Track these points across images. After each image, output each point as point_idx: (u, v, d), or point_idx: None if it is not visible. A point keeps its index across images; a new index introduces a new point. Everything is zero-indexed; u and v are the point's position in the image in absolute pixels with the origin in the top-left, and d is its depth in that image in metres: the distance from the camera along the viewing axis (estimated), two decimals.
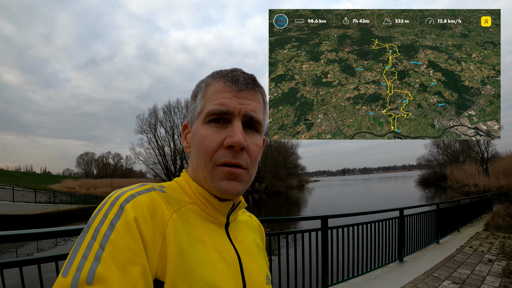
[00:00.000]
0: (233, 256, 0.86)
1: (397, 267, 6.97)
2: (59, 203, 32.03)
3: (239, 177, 0.84)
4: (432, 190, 46.97)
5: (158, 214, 0.73)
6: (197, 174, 0.89)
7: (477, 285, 5.76)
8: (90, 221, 0.68)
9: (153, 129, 55.78)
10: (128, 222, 0.66)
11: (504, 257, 7.97)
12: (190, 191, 0.89)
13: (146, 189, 0.78)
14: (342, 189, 73.63)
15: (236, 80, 0.86)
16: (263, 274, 0.96)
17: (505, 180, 31.88)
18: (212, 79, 0.89)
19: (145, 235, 0.67)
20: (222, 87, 0.86)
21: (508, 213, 17.39)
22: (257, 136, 0.90)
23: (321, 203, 39.29)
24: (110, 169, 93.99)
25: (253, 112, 0.86)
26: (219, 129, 0.84)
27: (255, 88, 0.89)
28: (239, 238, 0.95)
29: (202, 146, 0.84)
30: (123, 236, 0.64)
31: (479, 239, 10.34)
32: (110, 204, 0.70)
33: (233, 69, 0.91)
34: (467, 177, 39.88)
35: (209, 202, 0.87)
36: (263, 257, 1.06)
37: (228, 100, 0.84)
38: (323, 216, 5.39)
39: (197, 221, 0.84)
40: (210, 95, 0.87)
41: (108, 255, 0.61)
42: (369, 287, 5.64)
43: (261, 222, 1.23)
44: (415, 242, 8.24)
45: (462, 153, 53.28)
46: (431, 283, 5.81)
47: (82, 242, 0.64)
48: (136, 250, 0.64)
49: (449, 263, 7.23)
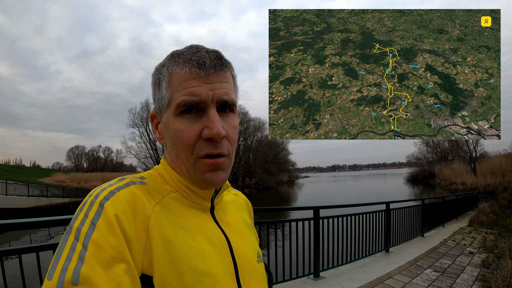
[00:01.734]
0: (221, 239, 0.86)
1: (383, 257, 7.39)
2: (51, 196, 32.05)
3: (222, 165, 0.83)
4: (420, 187, 47.34)
5: (140, 208, 0.73)
6: (177, 165, 0.87)
7: (457, 274, 6.15)
8: (72, 221, 0.67)
9: (145, 123, 55.48)
10: (108, 220, 0.66)
11: (485, 250, 8.35)
12: (171, 180, 0.88)
13: (126, 184, 0.77)
14: (332, 185, 74.08)
15: (203, 63, 0.79)
16: (254, 252, 0.95)
17: (492, 179, 32.13)
18: (175, 65, 0.82)
19: (128, 231, 0.67)
20: (189, 75, 0.80)
21: (492, 210, 17.82)
22: (232, 117, 0.86)
23: (311, 198, 39.72)
24: (101, 162, 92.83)
25: (226, 95, 0.82)
26: (193, 119, 0.80)
27: (224, 68, 0.83)
28: (226, 220, 0.94)
29: (179, 140, 0.81)
30: (105, 235, 0.64)
31: (462, 234, 10.75)
32: (90, 203, 0.70)
33: (194, 49, 0.83)
34: (455, 175, 40.37)
35: (191, 189, 0.87)
36: (253, 234, 1.06)
37: (198, 89, 0.79)
38: (315, 207, 5.81)
39: (181, 209, 0.83)
40: (177, 84, 0.81)
41: (91, 254, 0.61)
42: (357, 273, 6.03)
43: (254, 212, 1.23)
44: (401, 234, 8.66)
45: (451, 152, 53.69)
46: (414, 271, 6.22)
47: (65, 243, 0.64)
48: (118, 248, 0.64)
49: (432, 254, 7.64)
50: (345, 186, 64.34)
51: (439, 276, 5.94)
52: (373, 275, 5.88)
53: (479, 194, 24.34)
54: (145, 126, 55.48)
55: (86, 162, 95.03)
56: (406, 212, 9.00)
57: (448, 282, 5.61)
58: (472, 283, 5.60)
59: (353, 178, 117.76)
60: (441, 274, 6.07)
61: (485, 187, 30.45)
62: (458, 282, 5.64)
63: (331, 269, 6.10)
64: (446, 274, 6.13)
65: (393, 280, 5.60)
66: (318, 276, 5.69)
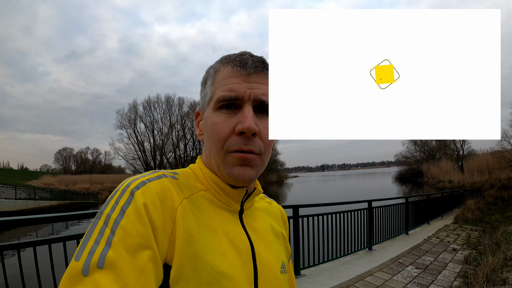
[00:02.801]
0: (245, 243, 0.86)
1: (366, 254, 7.39)
2: (39, 199, 31.77)
3: (251, 162, 0.83)
4: (408, 185, 47.87)
5: (168, 200, 0.75)
6: (210, 161, 0.88)
7: (439, 270, 6.16)
8: (103, 207, 0.70)
9: (133, 124, 55.33)
10: (137, 208, 0.67)
11: (468, 247, 8.39)
12: (203, 178, 0.90)
13: (157, 176, 0.79)
14: (320, 184, 74.50)
15: (245, 63, 0.84)
16: (278, 262, 0.94)
17: (478, 176, 32.49)
18: (221, 65, 0.88)
19: (155, 220, 0.69)
20: (231, 72, 0.85)
21: (478, 207, 18.08)
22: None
23: (300, 197, 39.96)
24: (89, 164, 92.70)
25: (263, 96, 0.84)
26: (230, 115, 0.83)
27: (264, 70, 0.87)
28: (253, 226, 0.94)
29: (213, 133, 0.83)
30: (133, 222, 0.65)
31: (446, 231, 10.81)
32: (122, 191, 0.72)
33: (241, 53, 0.89)
34: (442, 173, 40.81)
35: (222, 189, 0.87)
36: (282, 244, 1.04)
37: (237, 85, 0.83)
38: (295, 206, 5.79)
39: (209, 208, 0.84)
40: (219, 81, 0.86)
41: (118, 239, 0.62)
42: (338, 271, 6.02)
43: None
44: (384, 232, 8.69)
45: (439, 151, 54.26)
46: (395, 268, 6.22)
47: (94, 227, 0.66)
48: (145, 235, 0.65)
49: (415, 251, 7.65)
50: (334, 186, 64.66)
51: (421, 273, 5.94)
52: (354, 273, 5.87)
53: (465, 192, 24.59)
54: (133, 127, 55.22)
55: (74, 164, 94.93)
56: (390, 210, 9.03)
57: (429, 279, 5.62)
58: (453, 280, 5.61)
59: (342, 177, 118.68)
60: (422, 271, 6.08)
61: (472, 185, 30.78)
62: (439, 279, 5.64)
63: (312, 267, 6.08)
64: (428, 271, 6.13)
65: (373, 277, 5.60)
66: (299, 274, 5.67)
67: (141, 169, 54.18)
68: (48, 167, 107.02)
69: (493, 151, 37.04)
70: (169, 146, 56.19)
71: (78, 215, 3.28)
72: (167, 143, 56.05)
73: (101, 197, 41.83)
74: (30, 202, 29.72)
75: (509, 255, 6.40)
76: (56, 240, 2.96)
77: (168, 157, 55.92)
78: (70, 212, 3.25)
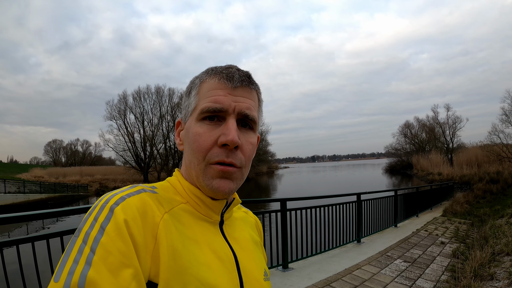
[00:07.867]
0: (228, 254, 0.85)
1: (354, 247, 7.40)
2: (28, 192, 31.19)
3: (232, 175, 0.83)
4: (398, 177, 48.24)
5: (149, 215, 0.73)
6: (189, 172, 0.88)
7: (427, 264, 6.17)
8: (81, 224, 0.68)
9: (123, 115, 54.40)
10: (118, 225, 0.65)
11: (456, 240, 8.45)
12: (183, 191, 0.88)
13: (137, 191, 0.77)
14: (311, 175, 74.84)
15: (231, 77, 0.84)
16: (261, 270, 0.95)
17: (467, 169, 32.77)
18: (207, 76, 0.88)
19: (136, 237, 0.67)
20: (217, 84, 0.85)
21: (467, 200, 18.23)
22: (251, 134, 0.88)
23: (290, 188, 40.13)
24: (79, 156, 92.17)
25: (247, 110, 0.84)
26: (213, 126, 0.83)
27: (250, 85, 0.87)
28: (234, 236, 0.94)
29: (195, 143, 0.83)
30: (114, 239, 0.64)
31: (435, 224, 10.89)
32: (100, 207, 0.69)
33: (228, 66, 0.89)
34: (432, 166, 41.21)
35: (202, 201, 0.87)
36: (261, 253, 1.05)
37: (222, 98, 0.83)
38: (283, 199, 5.75)
39: (190, 221, 0.83)
40: (204, 92, 0.85)
41: (99, 258, 0.61)
42: (327, 264, 6.01)
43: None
44: (373, 225, 8.72)
45: (428, 143, 54.73)
46: (383, 261, 6.23)
47: (73, 246, 0.64)
48: (127, 253, 0.64)
49: (403, 244, 7.68)
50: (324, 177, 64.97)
51: (409, 267, 5.95)
52: (342, 266, 5.88)
53: (454, 185, 24.77)
54: (123, 118, 54.49)
55: (64, 157, 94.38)
56: (379, 203, 9.05)
57: (417, 273, 5.62)
58: (441, 273, 5.62)
59: (332, 168, 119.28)
60: (410, 265, 6.09)
61: (461, 178, 31.01)
62: (427, 272, 5.65)
63: (300, 260, 6.08)
64: (416, 264, 6.15)
65: (361, 271, 5.59)
66: (287, 267, 5.66)
67: (131, 160, 53.68)
68: (38, 160, 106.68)
69: (482, 144, 37.35)
70: (159, 137, 55.57)
71: (68, 211, 3.20)
72: (157, 134, 55.47)
73: (91, 189, 41.53)
74: (19, 195, 29.24)
75: (497, 250, 6.43)
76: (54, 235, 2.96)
77: (159, 148, 55.47)
78: (60, 208, 3.14)
